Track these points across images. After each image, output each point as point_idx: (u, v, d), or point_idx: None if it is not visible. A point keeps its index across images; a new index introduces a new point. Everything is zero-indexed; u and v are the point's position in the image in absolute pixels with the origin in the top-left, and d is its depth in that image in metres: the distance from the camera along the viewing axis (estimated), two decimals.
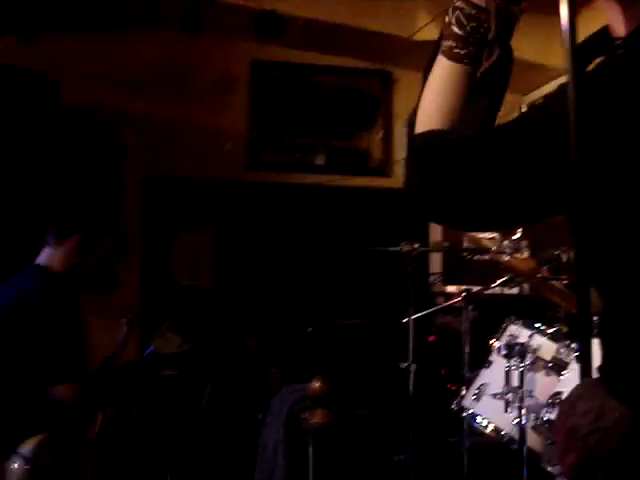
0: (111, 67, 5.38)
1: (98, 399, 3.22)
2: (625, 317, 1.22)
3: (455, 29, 1.33)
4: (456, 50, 1.34)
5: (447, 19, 1.34)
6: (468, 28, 1.31)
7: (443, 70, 1.37)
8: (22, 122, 4.45)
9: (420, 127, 1.39)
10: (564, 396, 1.25)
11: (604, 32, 1.30)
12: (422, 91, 1.41)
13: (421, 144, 1.38)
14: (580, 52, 1.31)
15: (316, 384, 3.43)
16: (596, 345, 1.26)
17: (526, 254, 4.39)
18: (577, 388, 1.20)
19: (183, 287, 5.42)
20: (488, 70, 1.34)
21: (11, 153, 4.38)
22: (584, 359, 1.23)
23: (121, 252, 5.39)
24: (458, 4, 1.32)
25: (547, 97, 1.44)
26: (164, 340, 4.94)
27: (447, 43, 1.35)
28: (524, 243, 4.28)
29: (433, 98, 1.38)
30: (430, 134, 1.37)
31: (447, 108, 1.37)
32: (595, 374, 1.22)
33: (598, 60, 1.32)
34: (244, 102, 5.68)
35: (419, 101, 1.41)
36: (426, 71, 1.41)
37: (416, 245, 4.14)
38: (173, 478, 4.29)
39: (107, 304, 5.06)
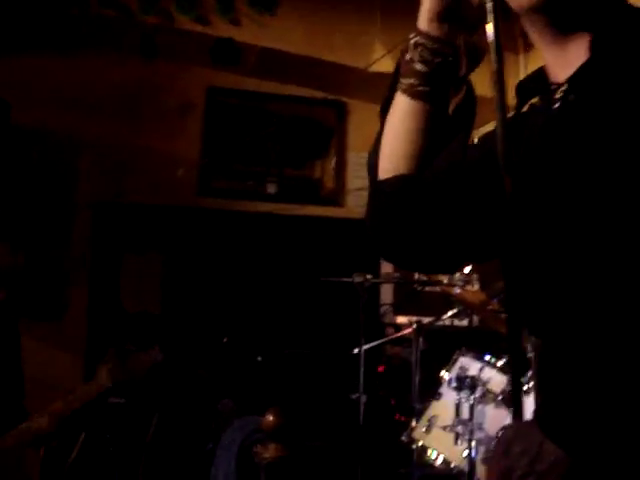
0: (65, 89, 5.32)
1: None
2: (559, 359, 1.23)
3: (418, 66, 1.28)
4: (419, 88, 1.29)
5: (407, 56, 1.29)
6: (433, 64, 1.27)
7: (404, 109, 1.33)
8: None
9: (385, 172, 1.37)
10: None
11: (540, 73, 1.30)
12: (382, 131, 1.38)
13: (389, 190, 1.37)
14: (518, 91, 1.35)
15: (270, 417, 3.39)
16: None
17: (476, 287, 4.42)
18: (512, 428, 1.20)
19: (132, 313, 5.34)
20: (458, 107, 1.32)
21: None
22: (515, 399, 1.23)
23: (69, 277, 5.32)
24: (420, 40, 1.27)
25: (481, 138, 1.44)
26: (111, 367, 4.85)
27: (408, 81, 1.30)
28: (475, 276, 4.32)
29: (396, 140, 1.35)
30: (398, 180, 1.35)
31: (412, 151, 1.34)
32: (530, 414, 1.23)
33: (534, 100, 1.32)
34: (198, 128, 5.66)
35: (379, 141, 1.38)
36: (383, 110, 1.37)
37: (368, 276, 4.15)
38: None
39: (54, 331, 4.98)
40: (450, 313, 4.30)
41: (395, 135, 1.35)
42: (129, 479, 4.33)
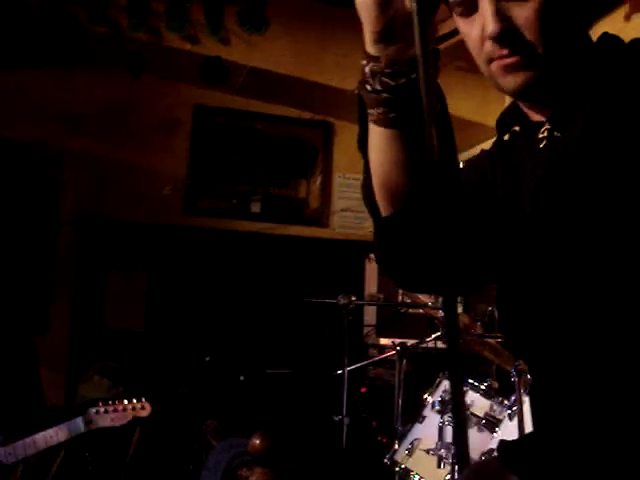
0: (51, 104, 5.31)
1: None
2: (547, 387, 1.24)
3: (384, 94, 1.21)
4: (390, 115, 1.23)
5: (368, 86, 1.22)
6: (398, 88, 1.20)
7: (381, 140, 1.27)
8: None
9: (385, 209, 1.33)
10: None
11: (517, 107, 1.32)
12: (367, 166, 1.33)
13: (393, 228, 1.34)
14: (498, 125, 1.36)
15: (256, 441, 3.37)
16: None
17: (460, 310, 4.44)
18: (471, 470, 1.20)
19: (114, 330, 5.31)
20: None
21: None
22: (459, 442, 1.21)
23: (53, 293, 5.28)
24: (374, 67, 1.21)
25: (467, 163, 1.46)
26: (92, 384, 4.82)
27: (376, 111, 1.24)
28: (458, 299, 4.33)
29: (384, 174, 1.30)
30: (399, 217, 1.32)
31: (403, 183, 1.29)
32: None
33: (515, 128, 1.34)
34: (185, 146, 5.67)
35: (368, 176, 1.34)
36: (361, 144, 1.33)
37: (353, 298, 4.15)
38: None
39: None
40: (434, 336, 4.30)
41: (382, 169, 1.30)
42: None
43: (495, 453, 1.23)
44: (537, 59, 1.15)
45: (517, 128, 1.33)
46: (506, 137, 1.34)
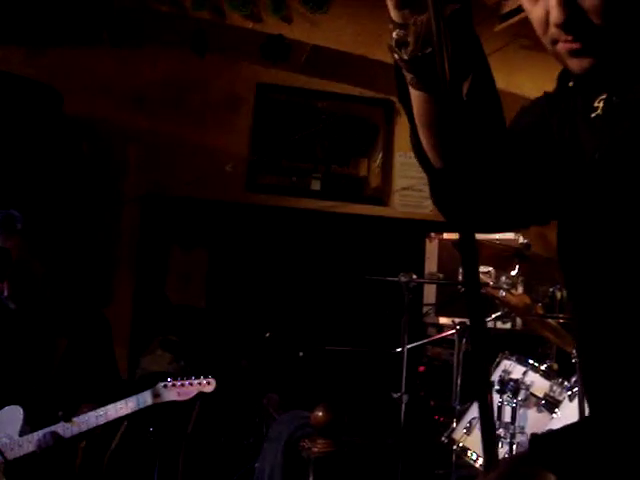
0: (116, 82, 5.40)
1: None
2: (599, 340, 1.24)
3: (410, 63, 1.22)
4: (420, 80, 1.25)
5: (396, 55, 1.23)
6: (424, 57, 1.20)
7: (418, 102, 1.29)
8: (25, 131, 4.46)
9: (436, 162, 1.37)
10: None
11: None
12: (412, 124, 1.35)
13: (448, 179, 1.34)
14: (560, 77, 1.38)
15: (319, 413, 3.42)
16: None
17: (521, 290, 4.40)
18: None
19: (176, 306, 5.40)
20: (472, 90, 1.27)
21: (12, 161, 4.38)
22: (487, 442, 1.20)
23: (116, 267, 5.39)
24: (400, 35, 1.21)
25: (522, 109, 1.47)
26: (154, 357, 4.91)
27: (408, 75, 1.25)
28: (520, 279, 4.29)
29: (428, 132, 1.33)
30: (447, 170, 1.34)
31: (442, 143, 1.33)
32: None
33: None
34: (247, 124, 5.71)
35: (415, 134, 1.37)
36: (401, 98, 1.33)
37: (414, 276, 4.15)
38: None
39: None
40: (494, 316, 4.29)
41: (422, 128, 1.33)
42: (169, 469, 4.37)
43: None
44: (602, 44, 1.14)
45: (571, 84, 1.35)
46: (571, 83, 1.35)
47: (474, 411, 3.70)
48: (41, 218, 3.38)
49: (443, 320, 5.08)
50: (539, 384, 3.57)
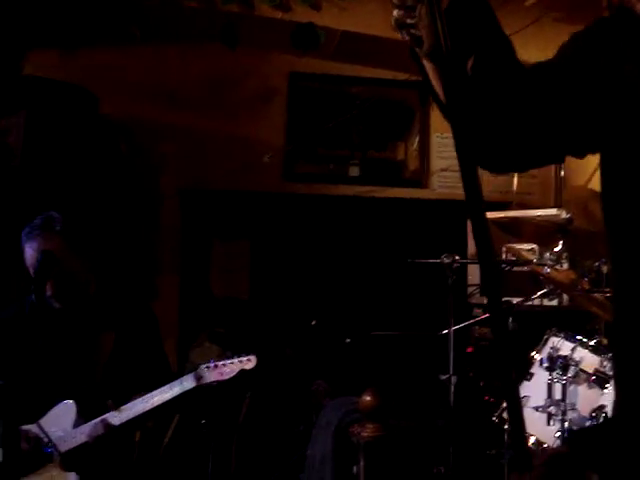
0: (149, 80, 5.44)
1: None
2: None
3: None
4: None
5: (399, 35, 1.32)
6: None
7: (428, 69, 1.37)
8: (62, 135, 4.51)
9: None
10: (608, 410, 1.23)
11: None
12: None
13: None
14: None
15: (367, 398, 3.43)
16: None
17: (566, 266, 4.35)
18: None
19: (221, 298, 5.45)
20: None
21: (51, 166, 4.43)
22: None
23: (160, 264, 5.45)
24: (399, 15, 1.29)
25: (562, 46, 1.47)
26: (202, 350, 4.96)
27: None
28: (564, 255, 4.25)
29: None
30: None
31: None
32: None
33: None
34: (281, 113, 5.71)
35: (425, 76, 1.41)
36: (412, 56, 1.39)
37: (457, 257, 4.13)
38: None
39: None
40: (539, 293, 4.25)
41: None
42: (222, 460, 4.42)
43: (608, 409, 1.20)
44: None
45: None
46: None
47: (524, 390, 3.68)
48: (82, 218, 3.43)
49: None
50: (589, 360, 3.53)
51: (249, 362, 3.01)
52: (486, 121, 1.39)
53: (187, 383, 2.97)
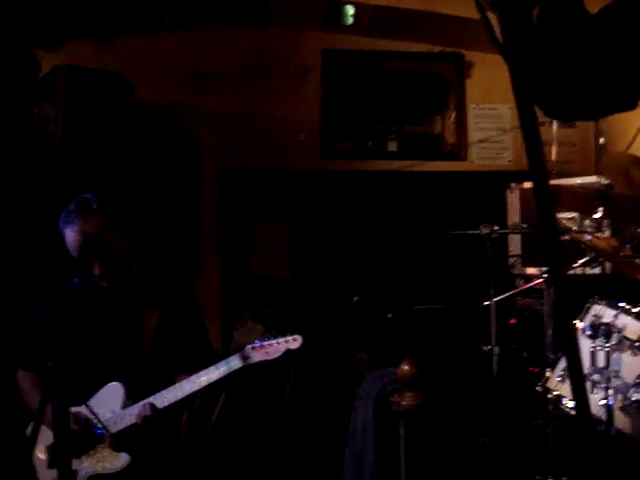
0: (184, 65, 5.48)
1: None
2: None
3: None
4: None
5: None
6: None
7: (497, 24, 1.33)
8: (100, 122, 4.56)
9: None
10: None
11: None
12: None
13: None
14: None
15: (405, 367, 3.45)
16: None
17: (607, 233, 4.30)
18: None
19: (263, 278, 5.49)
20: None
21: (90, 153, 4.49)
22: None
23: (201, 246, 5.51)
24: None
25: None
26: (246, 330, 5.01)
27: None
28: (605, 222, 4.19)
29: None
30: None
31: None
32: None
33: None
34: (316, 92, 5.72)
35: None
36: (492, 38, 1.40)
37: (495, 227, 4.11)
38: (259, 464, 4.35)
39: None
40: (581, 261, 4.21)
41: None
42: (269, 436, 4.47)
43: None
44: None
45: None
46: None
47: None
48: (122, 201, 3.46)
49: (530, 270, 5.02)
50: (632, 326, 3.49)
51: (295, 342, 3.02)
52: (555, 70, 1.39)
53: (234, 363, 2.99)
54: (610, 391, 3.37)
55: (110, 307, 3.22)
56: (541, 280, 4.13)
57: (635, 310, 3.55)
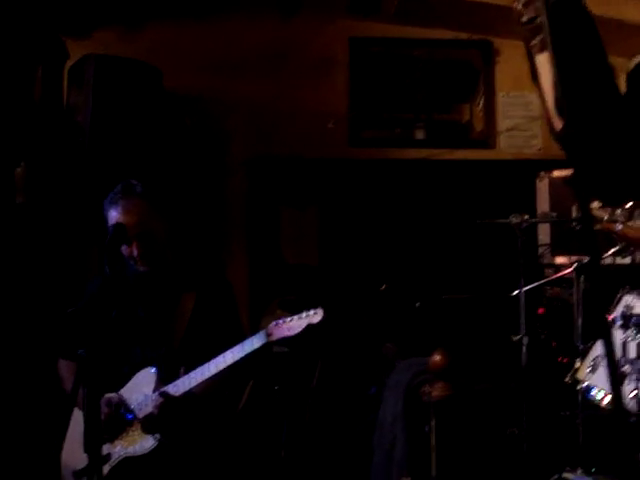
0: (212, 53, 5.48)
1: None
2: None
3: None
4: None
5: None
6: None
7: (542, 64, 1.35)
8: (128, 111, 4.57)
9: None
10: None
11: None
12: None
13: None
14: None
15: (436, 357, 3.44)
16: None
17: (639, 222, 4.25)
18: None
19: (291, 266, 5.50)
20: None
21: (119, 141, 4.51)
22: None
23: (229, 234, 5.52)
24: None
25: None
26: (274, 318, 5.01)
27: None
28: (637, 211, 4.14)
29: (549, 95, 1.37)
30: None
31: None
32: None
33: None
34: (344, 80, 5.70)
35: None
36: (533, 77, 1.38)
37: (525, 216, 4.08)
38: (287, 454, 4.36)
39: None
40: (611, 251, 4.17)
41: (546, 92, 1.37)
42: (296, 424, 4.48)
43: None
44: None
45: None
46: None
47: (598, 349, 3.63)
48: (156, 185, 3.49)
49: (560, 260, 4.98)
50: None
51: (316, 316, 3.02)
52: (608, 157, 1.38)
53: (257, 341, 3.00)
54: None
55: (147, 293, 3.24)
56: (571, 270, 4.09)
57: None
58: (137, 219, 3.11)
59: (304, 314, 3.01)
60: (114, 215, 3.12)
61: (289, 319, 3.01)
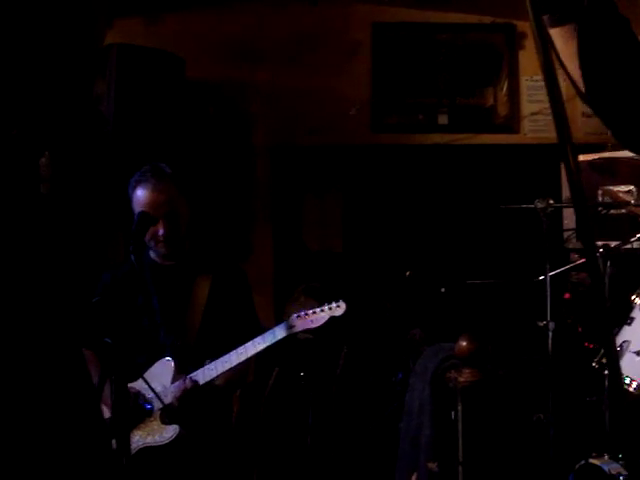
0: (234, 41, 5.47)
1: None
2: None
3: None
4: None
5: None
6: None
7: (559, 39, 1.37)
8: (151, 100, 4.58)
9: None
10: None
11: None
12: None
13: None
14: None
15: (463, 343, 3.43)
16: None
17: None
18: None
19: (315, 252, 5.50)
20: None
21: (142, 131, 4.52)
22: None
23: (253, 221, 5.53)
24: None
25: None
26: (298, 305, 5.02)
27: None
28: None
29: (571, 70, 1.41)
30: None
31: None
32: None
33: None
34: (367, 65, 5.68)
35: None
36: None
37: (550, 201, 4.05)
38: (313, 440, 4.38)
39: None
40: (638, 235, 4.14)
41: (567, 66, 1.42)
42: (322, 411, 4.49)
43: None
44: None
45: None
46: None
47: (624, 334, 3.61)
48: (181, 173, 3.50)
49: None
50: None
51: (338, 308, 3.03)
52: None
53: (279, 332, 3.02)
54: None
55: (162, 283, 3.26)
56: (597, 254, 4.06)
57: None
58: (166, 197, 3.14)
59: (326, 307, 3.03)
60: (142, 194, 3.14)
61: (311, 311, 3.02)
